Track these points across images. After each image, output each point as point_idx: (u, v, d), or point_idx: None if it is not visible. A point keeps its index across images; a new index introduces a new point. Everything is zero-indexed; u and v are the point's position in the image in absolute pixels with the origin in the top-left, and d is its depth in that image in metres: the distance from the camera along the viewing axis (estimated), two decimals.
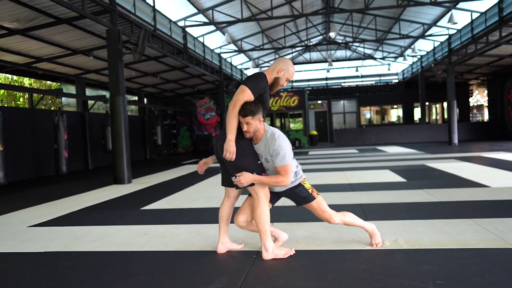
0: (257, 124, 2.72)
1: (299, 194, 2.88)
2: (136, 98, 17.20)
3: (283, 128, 20.50)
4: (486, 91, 23.17)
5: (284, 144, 2.71)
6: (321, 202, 2.90)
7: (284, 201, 5.11)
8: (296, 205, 3.00)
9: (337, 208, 4.56)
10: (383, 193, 5.39)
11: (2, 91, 12.59)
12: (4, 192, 7.55)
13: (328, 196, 5.34)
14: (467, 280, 2.32)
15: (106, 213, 4.97)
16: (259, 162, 2.81)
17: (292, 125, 20.91)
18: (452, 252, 2.83)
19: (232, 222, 3.12)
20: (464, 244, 3.00)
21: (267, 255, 2.78)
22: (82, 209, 5.28)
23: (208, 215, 4.41)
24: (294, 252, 2.87)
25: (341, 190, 5.82)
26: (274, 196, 2.97)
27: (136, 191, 6.89)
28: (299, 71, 26.78)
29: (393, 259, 2.73)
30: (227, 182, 2.94)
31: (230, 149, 2.66)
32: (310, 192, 2.89)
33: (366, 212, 4.27)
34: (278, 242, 3.08)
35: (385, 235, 3.32)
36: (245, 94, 2.73)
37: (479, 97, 25.93)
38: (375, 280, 2.37)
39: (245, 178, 2.69)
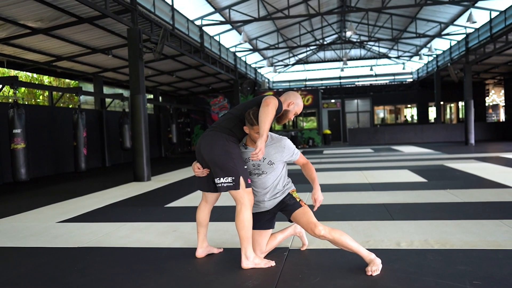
0: None
1: (287, 202, 2.78)
2: (151, 96, 17.35)
3: (296, 127, 20.49)
4: (502, 91, 22.85)
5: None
6: (308, 211, 2.72)
7: (307, 198, 5.13)
8: (287, 218, 2.84)
9: (362, 207, 4.60)
10: (406, 193, 5.38)
11: (23, 89, 12.82)
12: (27, 188, 7.71)
13: (351, 196, 5.37)
14: (504, 281, 2.32)
15: (131, 210, 5.05)
16: (245, 167, 2.73)
17: (304, 124, 20.88)
18: (485, 253, 2.83)
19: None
20: (496, 245, 2.99)
21: (247, 263, 2.66)
22: (107, 206, 5.37)
23: (231, 213, 4.42)
24: (274, 264, 2.72)
25: (362, 190, 5.82)
26: (270, 218, 2.87)
27: (156, 188, 6.98)
28: (313, 70, 26.72)
29: (426, 259, 2.74)
30: (204, 186, 2.89)
31: (263, 149, 2.54)
32: (298, 200, 2.77)
33: (391, 211, 4.28)
34: (305, 246, 3.10)
35: (414, 235, 3.33)
36: (276, 104, 2.61)
37: (495, 96, 25.56)
38: (412, 280, 2.39)
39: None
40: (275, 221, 2.94)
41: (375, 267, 2.51)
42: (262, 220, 2.84)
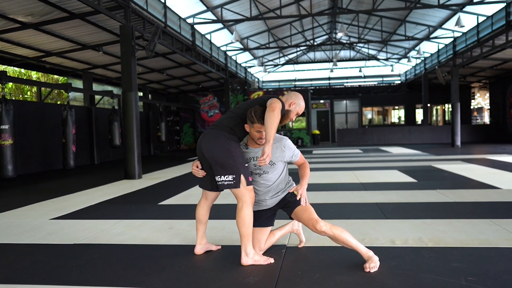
0: None
1: (288, 199, 2.83)
2: (141, 94, 17.23)
3: (285, 127, 20.58)
4: (487, 94, 23.30)
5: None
6: (309, 208, 2.74)
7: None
8: (288, 215, 2.88)
9: (355, 206, 4.67)
10: (397, 193, 5.47)
11: (11, 84, 12.61)
12: (15, 185, 7.60)
13: (343, 195, 5.44)
14: (497, 278, 2.40)
15: (125, 207, 5.03)
16: (246, 165, 2.75)
17: (293, 124, 20.95)
18: (478, 251, 2.91)
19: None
20: (487, 243, 3.08)
21: (247, 260, 2.69)
22: (100, 203, 5.34)
23: (227, 211, 4.46)
24: (273, 260, 2.76)
25: (354, 189, 5.90)
26: (270, 216, 2.92)
27: (148, 186, 6.95)
28: (302, 70, 26.85)
29: (421, 256, 2.81)
30: (208, 185, 2.91)
31: (270, 154, 2.58)
32: (299, 198, 2.82)
33: (384, 211, 4.35)
34: (302, 243, 3.14)
35: (408, 233, 3.40)
36: (281, 107, 2.64)
37: (480, 99, 26.07)
38: (408, 276, 2.45)
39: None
40: (275, 218, 2.97)
41: (373, 264, 2.57)
42: (263, 218, 2.87)
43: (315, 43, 21.52)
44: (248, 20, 13.60)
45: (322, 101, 24.54)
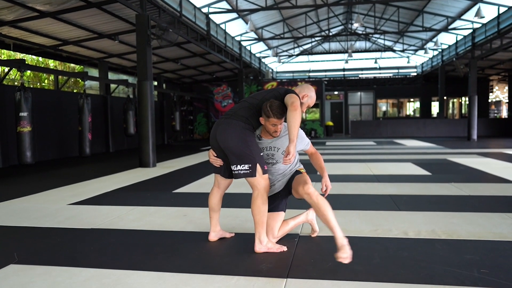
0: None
1: (292, 176, 2.89)
2: (155, 83, 17.34)
3: None
4: (506, 87, 22.82)
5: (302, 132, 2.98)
6: (305, 175, 2.78)
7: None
8: (290, 191, 2.89)
9: (368, 197, 4.68)
10: (411, 185, 5.45)
11: (29, 72, 12.82)
12: (33, 171, 7.78)
13: (356, 187, 5.44)
14: (511, 271, 2.39)
15: (139, 194, 5.12)
16: (261, 154, 2.78)
17: (306, 115, 20.88)
18: (492, 244, 2.90)
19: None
20: (502, 237, 3.06)
21: (260, 247, 2.74)
22: (116, 190, 5.45)
23: (242, 200, 4.51)
24: (286, 249, 2.80)
25: (367, 181, 5.89)
26: (280, 198, 2.95)
27: (162, 174, 7.05)
28: (317, 61, 26.65)
29: (434, 248, 2.81)
30: (222, 172, 2.94)
31: (295, 153, 2.60)
32: (302, 172, 2.90)
33: (397, 202, 4.34)
34: (315, 233, 3.17)
35: (421, 225, 3.40)
36: (299, 104, 2.66)
37: (498, 93, 25.52)
38: (421, 267, 2.46)
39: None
40: (286, 203, 3.01)
41: (346, 254, 2.41)
42: (275, 202, 2.92)
43: (330, 34, 21.30)
44: (263, 9, 13.52)
45: (336, 93, 24.35)
